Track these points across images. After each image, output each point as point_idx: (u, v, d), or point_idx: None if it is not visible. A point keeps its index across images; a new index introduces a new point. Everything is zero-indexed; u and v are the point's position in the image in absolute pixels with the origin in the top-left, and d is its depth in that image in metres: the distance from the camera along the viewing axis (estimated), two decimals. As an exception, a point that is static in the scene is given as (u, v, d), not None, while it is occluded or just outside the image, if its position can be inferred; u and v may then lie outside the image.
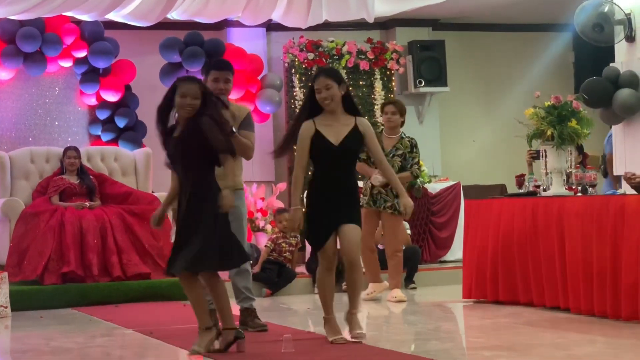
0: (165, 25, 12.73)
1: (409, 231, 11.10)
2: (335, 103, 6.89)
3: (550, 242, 8.21)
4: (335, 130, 6.89)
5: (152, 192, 11.36)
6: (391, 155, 9.60)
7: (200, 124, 6.45)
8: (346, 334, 6.90)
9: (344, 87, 6.96)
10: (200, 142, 6.45)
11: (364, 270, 7.99)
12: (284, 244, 10.80)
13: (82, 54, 12.32)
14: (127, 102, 12.65)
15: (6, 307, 9.35)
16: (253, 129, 7.71)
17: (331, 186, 6.93)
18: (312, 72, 13.47)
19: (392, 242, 9.72)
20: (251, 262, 9.57)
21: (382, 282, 9.78)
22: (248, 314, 7.72)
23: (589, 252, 7.74)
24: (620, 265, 7.43)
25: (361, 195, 9.62)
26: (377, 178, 9.40)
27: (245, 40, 13.32)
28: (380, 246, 10.21)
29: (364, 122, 6.98)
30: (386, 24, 14.31)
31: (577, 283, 7.88)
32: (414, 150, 9.69)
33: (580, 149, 9.96)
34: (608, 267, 7.53)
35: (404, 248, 10.06)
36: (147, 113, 12.70)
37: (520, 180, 9.46)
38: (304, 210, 7.00)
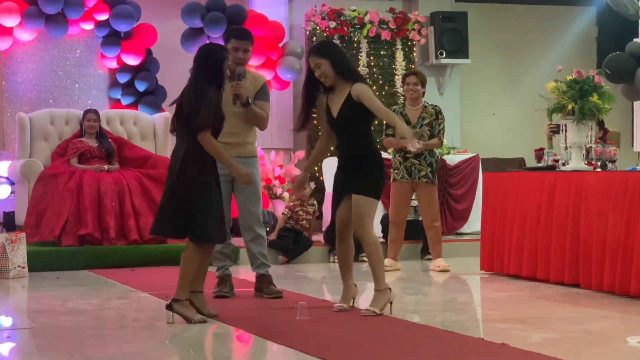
0: (187, -11, 12.69)
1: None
2: (330, 79, 6.86)
3: (567, 217, 8.19)
4: (336, 102, 6.88)
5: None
6: (419, 125, 9.56)
7: (205, 94, 6.45)
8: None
9: (337, 58, 6.87)
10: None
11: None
12: (301, 212, 10.81)
13: (103, 16, 12.31)
14: (148, 66, 12.65)
15: (23, 268, 9.40)
16: (268, 99, 7.70)
17: (341, 156, 6.98)
18: (334, 40, 13.45)
19: (429, 212, 9.66)
20: (267, 229, 9.60)
21: (397, 261, 9.76)
22: (263, 280, 7.74)
23: (604, 227, 7.72)
24: (634, 242, 7.39)
25: (391, 170, 9.60)
26: (413, 144, 9.38)
27: (267, 7, 13.29)
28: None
29: (357, 87, 6.76)
30: (409, -6, 14.27)
31: (590, 259, 7.86)
32: (439, 117, 9.63)
33: (601, 124, 9.91)
34: (621, 244, 7.50)
35: (420, 219, 10.05)
36: (167, 77, 12.73)
37: (539, 154, 9.44)
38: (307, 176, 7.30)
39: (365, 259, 10.32)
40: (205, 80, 6.50)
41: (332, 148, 7.52)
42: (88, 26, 12.38)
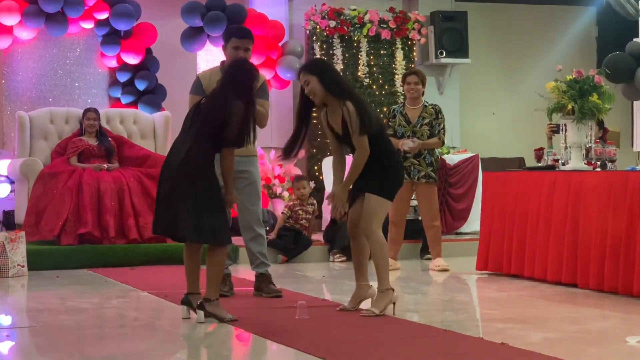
0: (187, -12, 12.68)
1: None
2: (318, 96, 6.83)
3: (566, 217, 8.18)
4: (335, 120, 6.86)
5: (171, 155, 11.36)
6: (419, 125, 9.57)
7: (232, 107, 6.48)
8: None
9: (326, 76, 6.84)
10: (221, 121, 6.49)
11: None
12: (300, 211, 10.80)
13: (103, 15, 12.31)
14: (148, 65, 12.65)
15: (23, 266, 9.40)
16: (268, 97, 7.72)
17: None
18: (334, 39, 13.45)
19: (429, 212, 9.67)
20: (267, 228, 9.60)
21: (396, 261, 9.77)
22: (263, 279, 7.74)
23: (604, 227, 7.72)
24: (635, 242, 7.40)
25: None
26: (406, 143, 9.40)
27: (267, 6, 13.29)
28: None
29: (346, 109, 6.74)
30: (409, -6, 14.28)
31: (588, 259, 7.87)
32: (439, 116, 9.64)
33: (600, 124, 9.91)
34: (622, 244, 7.50)
35: (420, 219, 10.05)
36: (167, 76, 12.74)
37: (539, 153, 9.45)
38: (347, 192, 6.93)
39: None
40: (233, 93, 6.51)
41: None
42: (88, 25, 12.38)
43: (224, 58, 7.67)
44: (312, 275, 9.65)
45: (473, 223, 11.57)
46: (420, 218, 10.03)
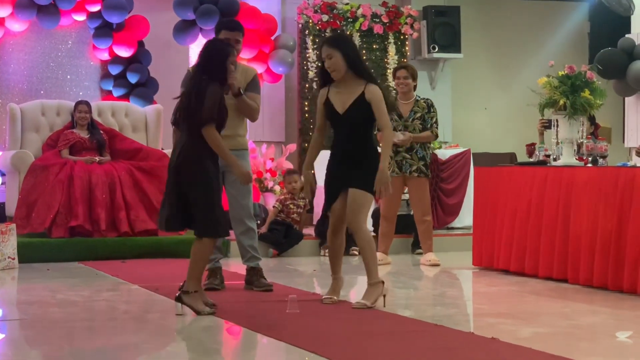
0: (180, -19, 12.64)
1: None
2: (340, 72, 6.81)
3: (557, 213, 8.19)
4: (343, 98, 6.84)
5: (162, 148, 11.36)
6: (411, 119, 9.57)
7: (208, 89, 6.51)
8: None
9: (350, 52, 6.84)
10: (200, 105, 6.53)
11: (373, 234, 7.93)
12: (292, 205, 10.80)
13: (96, 8, 12.28)
14: (140, 58, 12.63)
15: (13, 259, 9.38)
16: (259, 91, 7.71)
17: (338, 152, 6.92)
18: (326, 34, 13.43)
19: (420, 206, 9.67)
20: (258, 222, 9.59)
21: (387, 255, 9.76)
22: (254, 273, 7.74)
23: (595, 223, 7.73)
24: (626, 238, 7.42)
25: None
26: (397, 135, 9.39)
27: (260, 0, 13.26)
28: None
29: (371, 89, 6.78)
30: (402, -12, 14.27)
31: (579, 254, 7.88)
32: (431, 110, 9.64)
33: (592, 120, 9.92)
34: (612, 239, 7.52)
35: (411, 213, 10.05)
36: (159, 69, 12.71)
37: (530, 149, 9.46)
38: (313, 172, 6.94)
39: (356, 252, 10.38)
40: (209, 76, 6.50)
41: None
42: (80, 17, 12.35)
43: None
44: (303, 269, 9.65)
45: (464, 218, 11.59)
46: (411, 213, 10.03)
